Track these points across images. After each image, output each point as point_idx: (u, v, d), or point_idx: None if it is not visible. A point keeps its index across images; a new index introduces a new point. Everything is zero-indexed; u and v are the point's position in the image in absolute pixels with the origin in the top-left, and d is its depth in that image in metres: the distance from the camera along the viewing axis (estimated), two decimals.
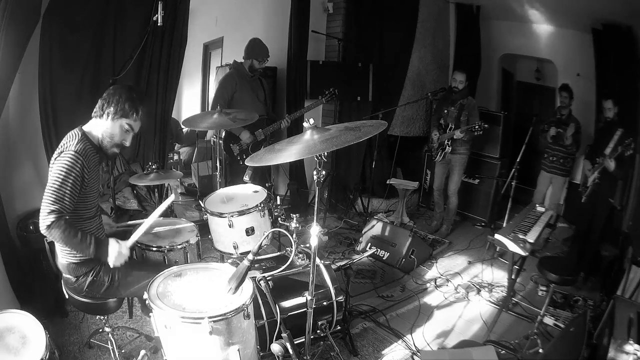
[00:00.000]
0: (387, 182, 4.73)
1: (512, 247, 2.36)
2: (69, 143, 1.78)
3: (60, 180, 1.70)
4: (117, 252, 1.83)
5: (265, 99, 3.77)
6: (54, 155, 1.79)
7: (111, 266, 1.85)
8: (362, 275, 3.47)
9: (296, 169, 4.71)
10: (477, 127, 3.87)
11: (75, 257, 1.87)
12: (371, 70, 4.49)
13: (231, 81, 3.58)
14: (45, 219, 1.67)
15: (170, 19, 3.28)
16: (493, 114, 4.78)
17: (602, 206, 3.47)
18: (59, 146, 1.81)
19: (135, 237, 1.93)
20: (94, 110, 1.89)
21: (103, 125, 1.88)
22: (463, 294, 3.21)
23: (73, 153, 1.73)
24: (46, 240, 1.77)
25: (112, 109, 1.85)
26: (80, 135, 1.82)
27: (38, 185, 2.80)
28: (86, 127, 1.89)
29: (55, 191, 1.69)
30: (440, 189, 4.44)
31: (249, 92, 3.61)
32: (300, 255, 2.34)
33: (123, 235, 1.98)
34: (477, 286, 3.31)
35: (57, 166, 1.72)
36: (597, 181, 3.38)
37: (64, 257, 1.89)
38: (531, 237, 2.44)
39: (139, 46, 3.17)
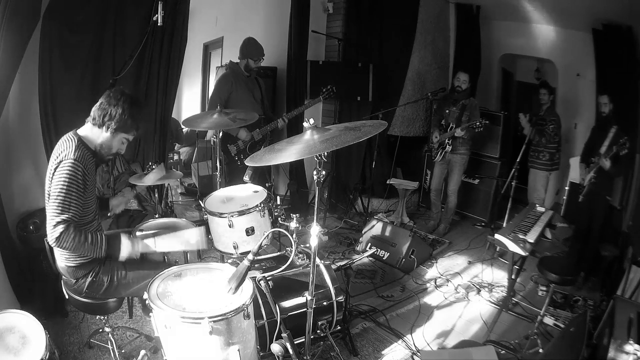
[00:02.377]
0: (387, 182, 4.73)
1: (512, 247, 2.36)
2: (67, 151, 1.76)
3: (65, 190, 1.69)
4: (129, 247, 1.85)
5: (262, 98, 3.77)
6: (53, 165, 1.77)
7: (120, 259, 1.86)
8: (362, 275, 3.47)
9: (296, 169, 4.71)
10: (477, 123, 3.87)
11: (75, 260, 1.87)
12: (371, 70, 4.49)
13: (227, 81, 3.58)
14: (53, 232, 1.65)
15: (170, 19, 3.28)
16: (493, 114, 4.78)
17: (600, 204, 3.48)
18: (56, 154, 1.78)
19: (154, 244, 1.94)
20: (93, 117, 1.86)
21: (102, 136, 1.88)
22: (463, 294, 3.21)
23: (73, 161, 1.72)
24: (46, 240, 1.76)
25: (113, 123, 1.84)
26: (76, 140, 1.80)
27: (38, 185, 2.80)
28: (81, 132, 1.87)
29: (61, 202, 1.67)
30: (438, 189, 4.45)
31: (245, 92, 3.61)
32: (300, 255, 2.35)
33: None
34: (477, 286, 3.31)
35: (59, 176, 1.71)
36: (594, 180, 3.39)
37: (62, 260, 1.89)
38: (531, 237, 2.44)
39: (139, 46, 3.16)
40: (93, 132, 1.88)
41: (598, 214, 3.48)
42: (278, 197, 3.06)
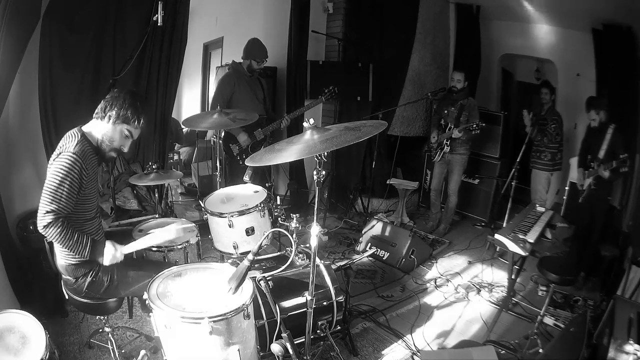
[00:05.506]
0: (387, 182, 4.73)
1: (512, 247, 2.36)
2: (68, 144, 1.77)
3: (58, 181, 1.69)
4: (111, 255, 1.84)
5: (264, 98, 3.77)
6: (53, 156, 1.78)
7: (103, 265, 1.85)
8: (362, 275, 3.47)
9: (296, 169, 4.71)
10: (474, 126, 3.87)
11: (74, 258, 1.87)
12: (371, 70, 4.49)
13: (230, 81, 3.58)
14: (42, 219, 1.67)
15: (170, 19, 3.28)
16: (493, 114, 4.78)
17: (600, 205, 3.47)
18: (58, 147, 1.80)
19: (133, 247, 1.92)
20: (96, 110, 1.88)
21: (103, 128, 1.87)
22: (463, 294, 3.21)
23: (72, 155, 1.73)
24: (46, 240, 1.77)
25: (114, 113, 1.84)
26: (79, 136, 1.82)
27: (38, 185, 2.77)
28: (85, 128, 1.88)
29: (52, 192, 1.69)
30: (438, 189, 4.45)
31: (247, 92, 3.61)
32: (300, 255, 2.34)
33: (121, 236, 1.99)
34: (477, 286, 3.31)
35: (55, 167, 1.72)
36: (593, 187, 3.39)
37: (62, 258, 1.89)
38: (531, 237, 2.44)
39: (139, 46, 3.16)
40: (96, 126, 1.88)
41: (598, 214, 3.48)
42: (278, 197, 3.06)
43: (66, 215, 1.73)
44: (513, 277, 2.86)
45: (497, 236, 2.46)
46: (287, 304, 2.14)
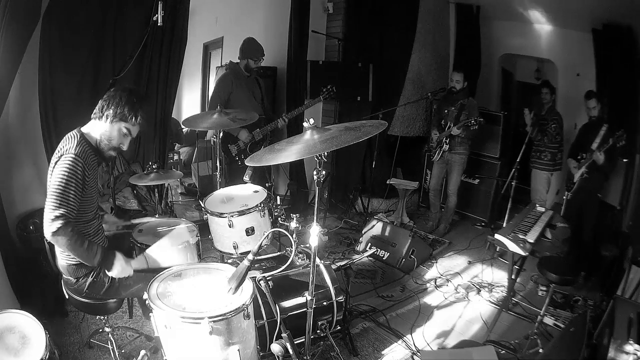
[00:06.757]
0: (387, 182, 4.73)
1: (512, 247, 2.36)
2: (68, 145, 1.77)
3: (63, 183, 1.68)
4: (121, 268, 1.83)
5: (262, 98, 3.77)
6: (54, 159, 1.78)
7: (112, 276, 1.86)
8: (362, 275, 3.47)
9: (296, 169, 4.71)
10: (472, 121, 3.87)
11: (75, 258, 1.87)
12: (371, 70, 4.49)
13: (227, 82, 3.58)
14: (50, 225, 1.63)
15: (170, 19, 3.28)
16: (493, 114, 4.78)
17: (591, 201, 3.47)
18: (58, 149, 1.80)
19: (143, 262, 1.93)
20: (94, 111, 1.88)
21: (102, 127, 1.87)
22: (463, 294, 3.21)
23: (73, 156, 1.73)
24: (46, 240, 1.76)
25: (111, 111, 1.84)
26: (78, 137, 1.82)
27: (38, 185, 2.81)
28: (85, 129, 1.89)
29: (59, 195, 1.67)
30: (437, 189, 4.45)
31: (245, 92, 3.61)
32: (300, 255, 2.35)
33: (121, 239, 1.98)
34: (477, 286, 3.31)
35: (59, 170, 1.71)
36: (586, 176, 3.39)
37: (63, 258, 1.89)
38: (531, 237, 2.44)
39: (139, 46, 3.16)
40: (95, 126, 1.89)
41: (590, 212, 3.48)
42: (278, 197, 3.06)
43: (74, 221, 1.71)
44: (513, 277, 2.86)
45: (497, 236, 2.46)
46: (287, 304, 2.14)
